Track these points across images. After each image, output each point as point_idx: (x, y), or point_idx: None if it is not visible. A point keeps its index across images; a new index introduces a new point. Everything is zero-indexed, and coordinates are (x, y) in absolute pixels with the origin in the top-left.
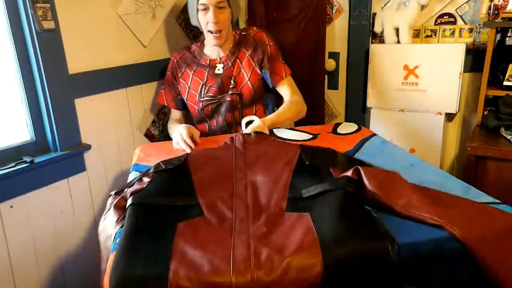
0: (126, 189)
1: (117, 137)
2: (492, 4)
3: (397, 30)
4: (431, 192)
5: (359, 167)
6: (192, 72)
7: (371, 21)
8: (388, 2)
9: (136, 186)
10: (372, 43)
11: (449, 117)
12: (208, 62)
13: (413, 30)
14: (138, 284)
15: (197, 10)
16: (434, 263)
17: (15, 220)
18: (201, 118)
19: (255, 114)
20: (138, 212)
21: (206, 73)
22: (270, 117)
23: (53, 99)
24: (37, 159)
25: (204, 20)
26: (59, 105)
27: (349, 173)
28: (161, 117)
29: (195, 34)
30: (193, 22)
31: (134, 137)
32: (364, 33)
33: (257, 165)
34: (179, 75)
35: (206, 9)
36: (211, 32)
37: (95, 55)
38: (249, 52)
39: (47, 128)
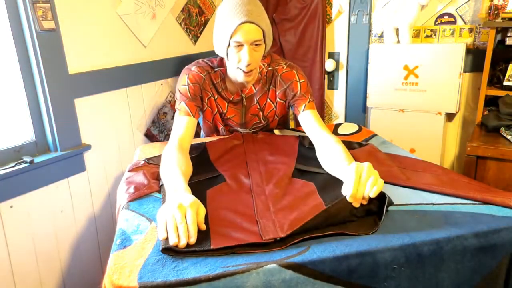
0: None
1: (117, 137)
2: (492, 4)
3: (397, 30)
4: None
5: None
6: (216, 97)
7: (371, 21)
8: (388, 2)
9: None
10: (372, 43)
11: (449, 117)
12: (231, 98)
13: (413, 30)
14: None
15: (228, 45)
16: (434, 263)
17: (15, 220)
18: (222, 134)
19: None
20: None
21: (227, 104)
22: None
23: (53, 99)
24: (37, 159)
25: (236, 57)
26: (59, 105)
27: None
28: (161, 117)
29: (195, 34)
30: (218, 52)
31: (134, 137)
32: (364, 33)
33: (265, 148)
34: (209, 94)
35: (239, 46)
36: (241, 69)
37: (95, 55)
38: (279, 93)
39: (47, 128)
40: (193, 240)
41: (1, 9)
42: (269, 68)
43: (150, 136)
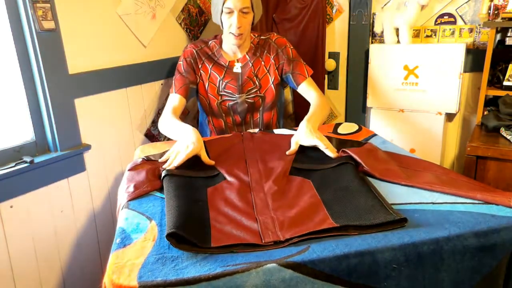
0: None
1: (117, 137)
2: (492, 4)
3: (397, 30)
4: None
5: (345, 149)
6: (210, 66)
7: (371, 21)
8: (388, 2)
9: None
10: (372, 43)
11: (449, 117)
12: (227, 64)
13: (413, 30)
14: (188, 229)
15: (222, 11)
16: (435, 262)
17: (15, 220)
18: (218, 113)
19: (271, 119)
20: (175, 180)
21: (224, 71)
22: (313, 119)
23: (53, 99)
24: (37, 159)
25: (228, 23)
26: (59, 105)
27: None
28: None
29: (195, 34)
30: (215, 20)
31: (134, 137)
32: (364, 33)
33: (264, 147)
34: (199, 65)
35: (230, 12)
36: (233, 34)
37: (95, 55)
38: (273, 56)
39: (47, 128)
40: (172, 166)
41: (1, 9)
42: (261, 37)
43: (150, 136)
